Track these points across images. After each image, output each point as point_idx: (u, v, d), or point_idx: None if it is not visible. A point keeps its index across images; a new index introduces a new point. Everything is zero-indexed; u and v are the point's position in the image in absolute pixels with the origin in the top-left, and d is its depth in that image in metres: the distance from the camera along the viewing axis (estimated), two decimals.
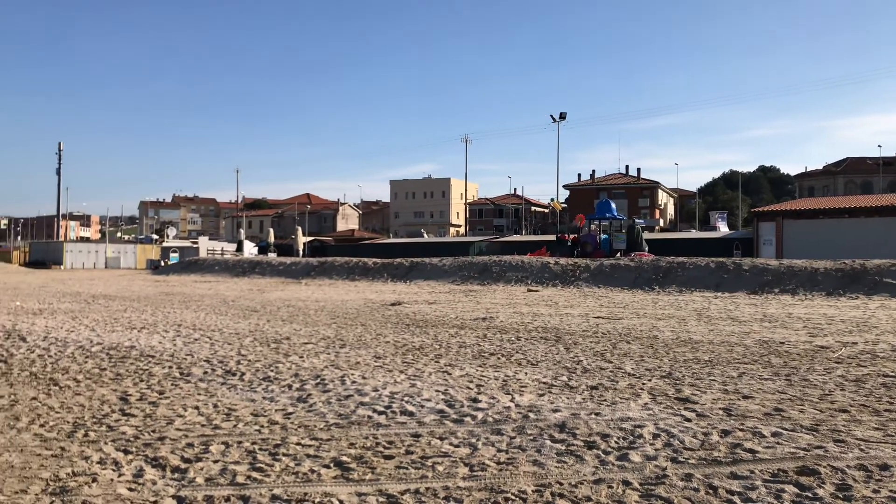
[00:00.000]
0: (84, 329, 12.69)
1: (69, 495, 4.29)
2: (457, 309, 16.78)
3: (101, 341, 11.00)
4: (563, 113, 67.26)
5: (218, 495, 4.26)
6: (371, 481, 4.46)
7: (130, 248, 73.98)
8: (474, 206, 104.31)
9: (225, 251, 58.38)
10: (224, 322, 14.06)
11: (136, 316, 15.33)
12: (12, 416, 6.32)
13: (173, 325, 13.36)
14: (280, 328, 12.90)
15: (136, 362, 9.08)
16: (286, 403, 6.67)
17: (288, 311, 16.53)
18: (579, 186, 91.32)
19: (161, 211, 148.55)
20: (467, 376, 7.90)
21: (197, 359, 9.31)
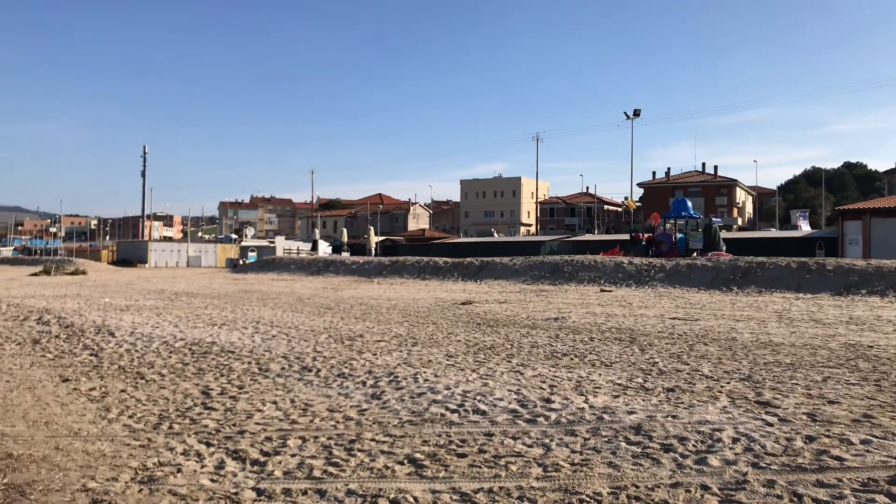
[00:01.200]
0: (168, 325, 13.18)
1: (156, 484, 4.47)
2: (528, 309, 16.69)
3: (184, 337, 11.40)
4: (638, 110, 65.99)
5: (295, 488, 4.36)
6: (444, 479, 4.49)
7: (211, 248, 76.42)
8: (545, 205, 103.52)
9: (300, 250, 59.66)
10: (300, 319, 14.38)
11: (216, 313, 15.82)
12: (103, 407, 6.63)
13: (252, 322, 13.74)
14: (353, 326, 13.10)
15: (217, 358, 9.38)
16: (360, 400, 6.77)
17: (361, 310, 16.77)
18: (654, 184, 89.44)
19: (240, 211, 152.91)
20: (540, 376, 7.86)
21: (274, 355, 9.55)
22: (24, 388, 7.49)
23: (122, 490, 4.36)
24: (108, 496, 4.25)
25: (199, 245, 77.92)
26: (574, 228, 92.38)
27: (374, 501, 4.14)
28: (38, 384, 7.75)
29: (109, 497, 4.23)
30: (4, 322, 13.92)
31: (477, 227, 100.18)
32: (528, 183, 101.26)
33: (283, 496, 4.25)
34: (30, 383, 7.79)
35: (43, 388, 7.51)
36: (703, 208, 69.57)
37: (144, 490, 4.36)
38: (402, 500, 4.15)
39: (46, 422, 6.07)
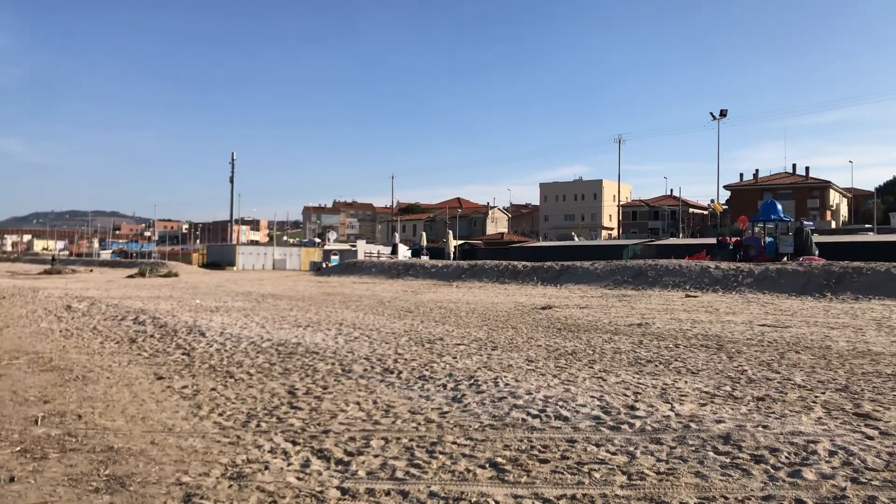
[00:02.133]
0: (255, 326, 13.59)
1: (245, 480, 4.61)
2: (610, 314, 16.42)
3: (271, 338, 11.73)
4: (724, 110, 64.00)
5: (378, 489, 4.42)
6: (527, 484, 4.46)
7: (295, 251, 78.41)
8: (627, 208, 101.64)
9: (381, 254, 60.49)
10: (381, 322, 14.57)
11: (301, 315, 16.21)
12: (195, 404, 6.88)
13: (335, 324, 14.01)
14: (433, 329, 13.18)
15: (302, 358, 9.60)
16: (441, 402, 6.80)
17: (440, 313, 16.86)
18: (741, 187, 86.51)
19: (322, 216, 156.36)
20: (623, 383, 7.71)
21: (357, 356, 9.71)
22: (123, 385, 7.86)
23: (213, 485, 4.51)
24: (200, 490, 4.41)
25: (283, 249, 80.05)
26: (658, 232, 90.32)
27: None
28: (135, 381, 8.12)
29: (201, 491, 4.39)
30: (104, 322, 14.65)
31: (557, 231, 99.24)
32: (609, 185, 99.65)
33: (366, 496, 4.31)
34: (127, 380, 8.17)
35: (139, 385, 7.86)
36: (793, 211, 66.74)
37: (234, 486, 4.50)
38: (484, 503, 4.15)
39: (143, 417, 6.34)
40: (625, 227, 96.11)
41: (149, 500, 4.24)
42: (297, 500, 4.24)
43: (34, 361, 9.48)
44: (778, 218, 32.96)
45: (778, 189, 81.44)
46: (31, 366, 9.14)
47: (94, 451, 5.22)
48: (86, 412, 6.50)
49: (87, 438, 5.58)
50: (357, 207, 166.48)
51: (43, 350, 10.62)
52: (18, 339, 12.06)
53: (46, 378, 8.26)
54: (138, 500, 4.25)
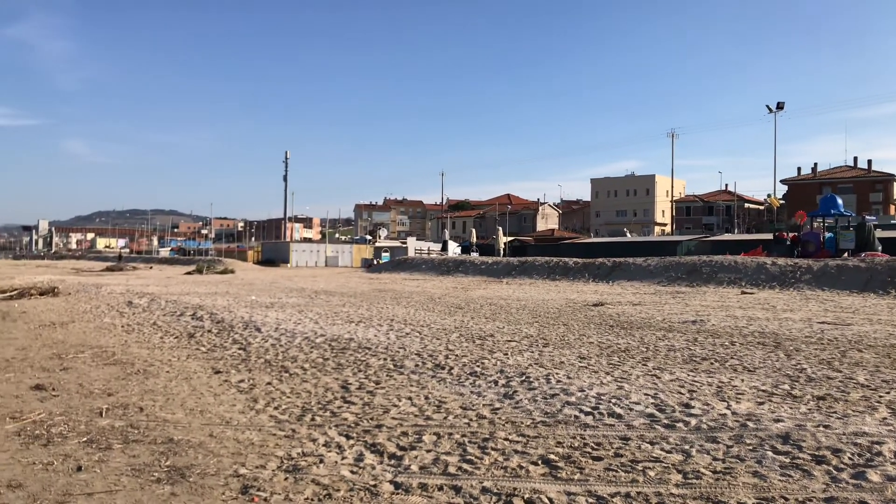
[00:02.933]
0: (309, 322, 13.79)
1: (300, 473, 4.69)
2: (664, 311, 16.17)
3: (324, 333, 11.89)
4: (781, 103, 62.44)
5: (431, 483, 4.44)
6: (580, 481, 4.43)
7: (347, 248, 79.23)
8: (681, 204, 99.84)
9: (431, 251, 60.70)
10: (432, 318, 14.63)
11: (353, 311, 16.39)
12: (251, 398, 7.03)
13: (386, 320, 14.12)
14: (484, 325, 13.18)
15: (355, 354, 9.71)
16: (493, 399, 6.80)
17: (490, 309, 16.85)
18: (799, 181, 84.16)
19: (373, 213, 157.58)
20: (678, 381, 7.59)
21: (408, 352, 9.77)
22: (182, 379, 8.07)
23: (269, 477, 4.61)
24: (257, 482, 4.50)
25: (336, 246, 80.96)
26: (712, 228, 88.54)
27: (509, 500, 4.14)
28: (194, 375, 8.32)
29: (258, 483, 4.48)
30: (164, 317, 15.05)
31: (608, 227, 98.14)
32: (662, 181, 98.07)
33: (419, 490, 4.34)
34: (186, 374, 8.39)
35: (198, 379, 8.06)
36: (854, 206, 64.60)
37: (290, 478, 4.59)
38: (537, 500, 4.14)
39: (201, 410, 6.50)
40: (678, 222, 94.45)
41: (207, 492, 4.35)
42: (352, 494, 4.30)
43: (98, 355, 9.80)
44: (838, 213, 31.98)
45: (838, 183, 78.99)
46: (96, 359, 9.45)
47: (155, 443, 5.38)
48: (147, 405, 6.69)
49: (148, 430, 5.75)
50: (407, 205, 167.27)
51: (106, 344, 10.97)
52: (83, 333, 12.48)
53: (110, 371, 8.54)
54: (198, 491, 4.36)
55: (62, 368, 8.74)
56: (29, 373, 8.43)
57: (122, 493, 4.32)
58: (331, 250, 76.18)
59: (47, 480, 4.54)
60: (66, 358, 9.55)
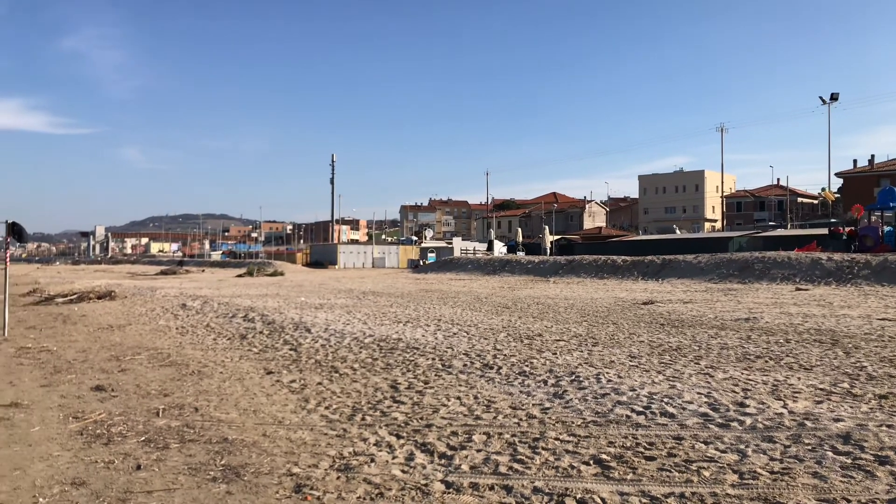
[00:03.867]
0: (357, 322, 13.91)
1: (352, 472, 4.73)
2: (715, 308, 15.87)
3: (372, 333, 11.98)
4: (835, 94, 60.80)
5: (482, 483, 4.44)
6: (633, 481, 4.38)
7: (393, 249, 79.72)
8: (731, 199, 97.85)
9: (476, 251, 60.67)
10: (479, 318, 14.62)
11: (400, 311, 16.48)
12: (303, 398, 7.12)
13: (433, 320, 14.16)
14: (532, 325, 13.12)
15: (403, 354, 9.77)
16: (542, 398, 6.77)
17: (538, 309, 16.76)
18: (855, 174, 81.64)
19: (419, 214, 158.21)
20: (731, 379, 7.44)
21: (456, 352, 9.78)
22: (235, 380, 8.22)
23: (322, 476, 4.66)
24: (310, 481, 4.56)
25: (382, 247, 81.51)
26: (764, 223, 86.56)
27: (561, 501, 4.12)
28: (247, 376, 8.47)
29: (311, 482, 4.54)
30: (216, 319, 15.35)
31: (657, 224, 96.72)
32: (711, 176, 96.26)
33: (470, 490, 4.34)
34: (239, 375, 8.54)
35: (250, 380, 8.20)
36: None
37: (342, 477, 4.63)
38: (589, 500, 4.10)
39: (254, 410, 6.61)
40: (729, 218, 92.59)
41: (262, 490, 4.42)
42: (403, 493, 4.32)
43: (154, 357, 10.05)
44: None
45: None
46: (152, 361, 9.69)
47: (210, 442, 5.49)
48: (202, 405, 6.84)
49: (203, 430, 5.88)
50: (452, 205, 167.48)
51: (161, 346, 11.24)
52: (139, 335, 12.80)
53: (165, 373, 8.75)
54: (252, 490, 4.43)
55: (120, 370, 8.98)
56: (89, 374, 8.68)
57: (179, 491, 4.42)
58: (377, 252, 76.72)
59: (109, 478, 4.67)
60: (123, 360, 9.82)
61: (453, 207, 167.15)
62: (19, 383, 8.17)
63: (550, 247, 53.39)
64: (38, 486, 4.53)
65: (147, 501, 4.24)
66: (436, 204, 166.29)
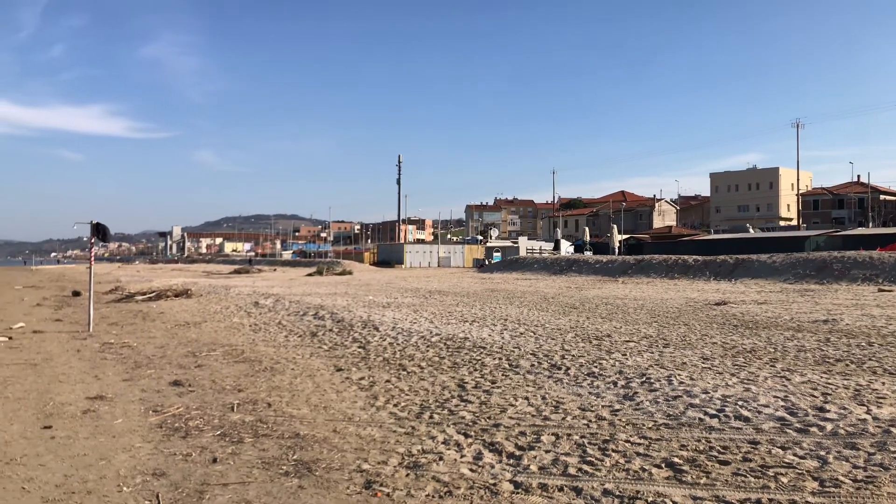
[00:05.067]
0: (424, 321, 14.00)
1: (421, 470, 4.76)
2: (791, 310, 15.35)
3: (439, 332, 12.03)
4: None
5: (551, 484, 4.41)
6: (706, 486, 4.27)
7: (459, 249, 79.89)
8: (808, 197, 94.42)
9: (543, 250, 60.24)
10: (545, 318, 14.52)
11: (466, 310, 16.51)
12: (371, 395, 7.21)
13: (500, 320, 14.13)
14: (600, 325, 12.95)
15: (470, 353, 9.78)
16: (612, 400, 6.67)
17: (606, 309, 16.53)
18: None
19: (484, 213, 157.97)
20: (810, 383, 7.18)
21: (523, 352, 9.74)
22: (306, 376, 8.38)
23: (391, 473, 4.71)
24: (379, 478, 4.61)
25: (447, 246, 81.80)
26: (843, 222, 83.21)
27: (632, 503, 4.05)
28: (317, 372, 8.63)
29: (381, 479, 4.59)
30: (288, 317, 15.69)
31: (729, 223, 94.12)
32: (786, 174, 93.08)
33: (539, 490, 4.31)
34: (310, 371, 8.71)
35: (321, 377, 8.35)
36: None
37: (411, 475, 4.67)
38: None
39: (325, 406, 6.73)
40: (805, 217, 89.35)
41: (333, 486, 4.50)
42: (472, 492, 4.33)
43: (228, 353, 10.34)
44: None
45: None
46: (226, 357, 9.98)
47: (282, 437, 5.62)
48: (274, 401, 7.00)
49: (276, 425, 6.01)
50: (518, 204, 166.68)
51: (235, 343, 11.56)
52: (215, 332, 13.20)
53: (239, 369, 8.99)
54: (323, 485, 4.51)
55: (196, 366, 9.28)
56: (168, 369, 9.00)
57: (254, 484, 4.54)
58: (443, 251, 77.02)
59: (187, 470, 4.83)
60: (199, 356, 10.14)
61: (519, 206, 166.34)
62: (103, 377, 8.53)
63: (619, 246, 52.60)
64: (121, 476, 4.72)
65: (223, 494, 4.37)
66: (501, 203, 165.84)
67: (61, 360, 9.92)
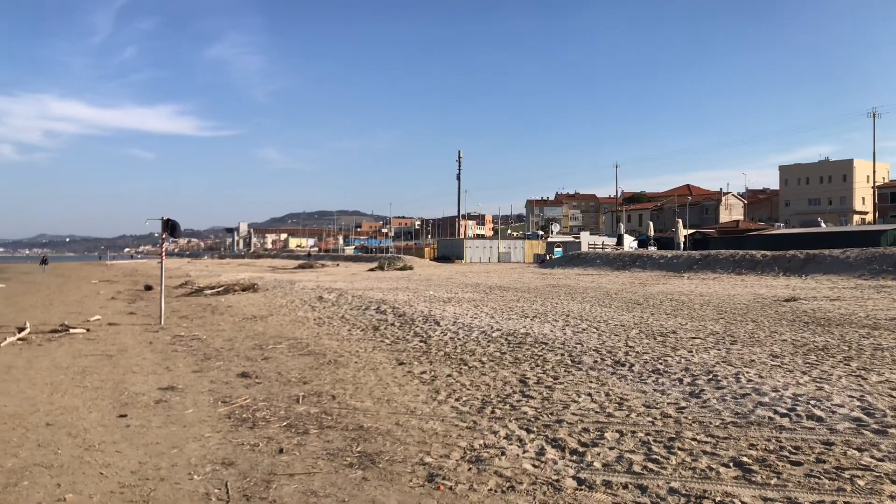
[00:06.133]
0: (485, 316, 13.99)
1: (483, 464, 4.76)
2: (867, 307, 14.76)
3: (500, 328, 12.01)
4: None
5: (615, 481, 4.35)
6: (777, 487, 4.15)
7: (519, 244, 79.50)
8: (885, 190, 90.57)
9: (605, 245, 59.46)
10: (608, 314, 14.33)
11: (527, 306, 16.43)
12: (433, 389, 7.25)
13: (562, 315, 14.01)
14: (665, 322, 12.71)
15: (531, 348, 9.73)
16: (678, 397, 6.55)
17: (671, 305, 16.22)
18: None
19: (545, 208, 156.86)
20: (888, 382, 6.90)
21: (586, 348, 9.64)
22: (369, 370, 8.48)
23: (453, 467, 4.72)
24: (442, 471, 4.63)
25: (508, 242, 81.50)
26: None
27: (699, 503, 3.97)
28: (379, 366, 8.72)
29: (443, 472, 4.61)
30: (350, 311, 15.90)
31: (799, 217, 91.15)
32: (861, 165, 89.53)
33: (603, 487, 4.26)
34: (373, 365, 8.81)
35: (383, 370, 8.44)
36: None
37: (473, 469, 4.68)
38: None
39: (388, 400, 6.80)
40: (881, 210, 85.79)
41: (396, 478, 4.54)
42: (534, 487, 4.31)
43: (293, 346, 10.54)
44: None
45: None
46: (292, 350, 10.18)
47: (346, 429, 5.70)
48: (338, 393, 7.11)
49: (340, 417, 6.11)
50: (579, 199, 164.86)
51: (300, 336, 11.78)
52: (280, 326, 13.47)
53: (304, 361, 9.16)
54: (387, 477, 4.56)
55: (263, 358, 9.49)
56: (235, 361, 9.24)
57: (319, 475, 4.62)
58: (503, 246, 76.79)
59: (254, 460, 4.95)
60: (266, 348, 10.37)
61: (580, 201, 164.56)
62: (174, 368, 8.81)
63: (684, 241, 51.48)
64: (192, 464, 4.87)
65: (289, 484, 4.46)
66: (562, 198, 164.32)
67: (135, 352, 10.28)
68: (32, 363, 9.34)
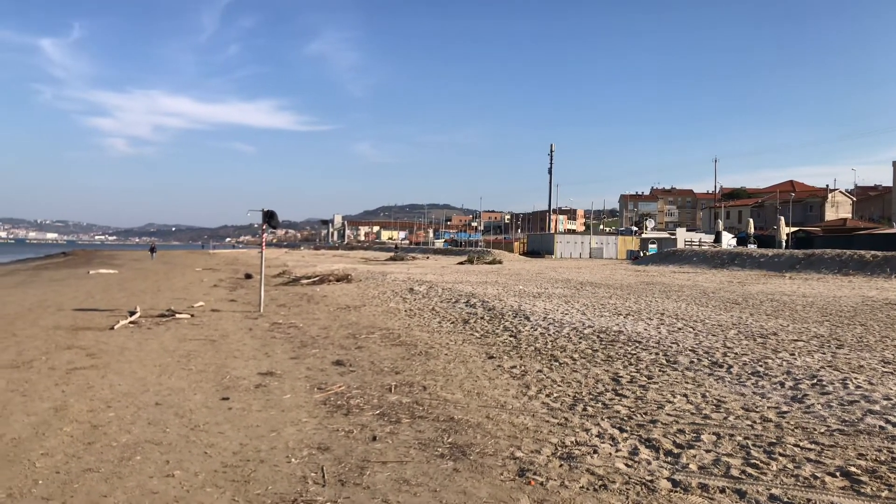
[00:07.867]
0: (576, 312, 13.83)
1: (575, 462, 4.73)
2: None
3: (592, 325, 11.85)
4: None
5: (712, 485, 4.23)
6: (889, 499, 3.94)
7: (612, 240, 78.13)
8: None
9: (702, 242, 57.65)
10: (705, 313, 13.91)
11: (620, 303, 16.13)
12: (524, 384, 7.23)
13: (656, 314, 13.70)
14: (765, 323, 12.23)
15: (625, 346, 9.56)
16: (779, 401, 6.30)
17: (772, 306, 15.58)
18: None
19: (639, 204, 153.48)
20: None
21: (682, 348, 9.39)
22: (459, 362, 8.54)
23: (544, 463, 4.71)
24: (532, 467, 4.62)
25: (600, 237, 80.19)
26: None
27: None
28: (469, 359, 8.77)
29: (534, 468, 4.60)
30: (440, 304, 16.04)
31: None
32: None
33: (699, 490, 4.16)
34: (463, 358, 8.87)
35: (473, 363, 8.48)
36: None
37: (564, 466, 4.65)
38: None
39: (478, 393, 6.83)
40: None
41: (486, 471, 4.56)
42: (627, 487, 4.24)
43: (386, 336, 10.73)
44: None
45: None
46: (384, 340, 10.37)
47: (437, 420, 5.77)
48: (429, 384, 7.19)
49: (431, 408, 6.18)
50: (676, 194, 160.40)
51: (392, 327, 11.98)
52: (373, 316, 13.74)
53: (396, 352, 9.31)
54: (477, 469, 4.59)
55: (356, 347, 9.71)
56: (330, 349, 9.49)
57: (410, 464, 4.69)
58: (595, 242, 75.62)
59: (349, 447, 5.07)
60: (359, 338, 10.60)
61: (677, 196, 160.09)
62: (273, 355, 9.13)
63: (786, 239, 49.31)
64: (290, 448, 5.04)
65: (381, 471, 4.55)
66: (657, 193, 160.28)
67: (236, 338, 10.72)
68: (142, 345, 9.88)
